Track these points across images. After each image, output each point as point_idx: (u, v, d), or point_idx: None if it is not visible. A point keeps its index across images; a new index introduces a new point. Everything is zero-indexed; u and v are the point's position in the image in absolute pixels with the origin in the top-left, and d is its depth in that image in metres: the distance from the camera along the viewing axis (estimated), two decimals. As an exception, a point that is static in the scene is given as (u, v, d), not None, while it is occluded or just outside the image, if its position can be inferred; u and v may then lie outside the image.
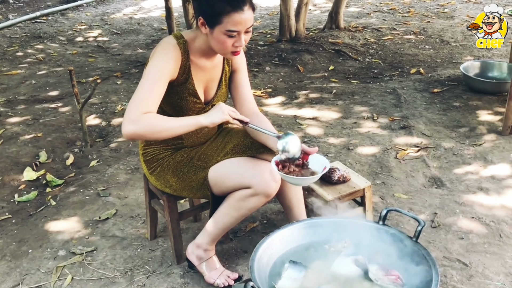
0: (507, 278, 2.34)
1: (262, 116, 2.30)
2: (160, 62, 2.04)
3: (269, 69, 5.47)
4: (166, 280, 2.40)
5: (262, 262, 1.80)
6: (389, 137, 3.78)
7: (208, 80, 2.26)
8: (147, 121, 1.92)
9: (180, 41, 2.10)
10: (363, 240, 1.93)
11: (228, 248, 2.63)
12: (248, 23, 1.99)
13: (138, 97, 1.96)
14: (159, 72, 2.03)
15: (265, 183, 2.07)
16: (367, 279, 1.76)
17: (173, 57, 2.07)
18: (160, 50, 2.08)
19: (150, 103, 1.97)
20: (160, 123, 1.95)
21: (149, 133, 1.94)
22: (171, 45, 2.09)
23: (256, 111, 2.32)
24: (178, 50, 2.09)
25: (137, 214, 2.95)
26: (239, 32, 1.99)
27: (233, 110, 2.03)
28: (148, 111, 1.94)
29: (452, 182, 3.16)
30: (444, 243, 2.60)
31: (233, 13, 1.95)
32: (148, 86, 1.99)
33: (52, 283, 2.44)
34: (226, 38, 2.00)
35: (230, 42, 2.01)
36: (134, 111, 1.93)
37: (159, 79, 2.02)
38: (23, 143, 3.94)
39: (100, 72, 5.65)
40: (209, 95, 2.30)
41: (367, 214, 2.55)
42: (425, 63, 5.56)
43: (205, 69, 2.22)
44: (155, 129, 1.93)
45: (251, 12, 2.00)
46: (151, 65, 2.05)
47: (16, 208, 3.13)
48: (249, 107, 2.33)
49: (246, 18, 1.98)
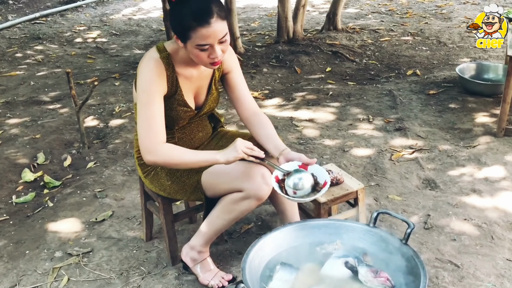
0: (498, 279, 2.37)
1: (263, 117, 2.29)
2: (147, 84, 2.06)
3: (266, 71, 5.50)
4: (161, 281, 2.43)
5: (254, 264, 1.83)
6: (384, 139, 3.81)
7: (197, 87, 2.27)
8: (165, 153, 2.04)
9: (162, 55, 2.10)
10: (353, 242, 1.96)
11: (222, 250, 2.65)
12: (218, 35, 1.96)
13: (144, 126, 2.05)
14: (150, 94, 2.05)
15: (257, 186, 2.10)
16: (357, 281, 1.79)
17: (158, 74, 2.07)
18: (145, 68, 2.08)
19: (157, 129, 2.05)
20: (178, 156, 2.05)
21: (168, 164, 2.09)
22: (153, 61, 2.08)
23: (256, 111, 2.31)
24: (161, 65, 2.09)
25: (133, 216, 2.98)
26: (211, 45, 1.97)
27: (249, 146, 2.02)
28: (160, 139, 2.04)
29: (445, 184, 3.19)
30: (436, 245, 2.62)
31: (199, 28, 1.92)
32: (147, 112, 2.04)
33: (49, 284, 2.47)
34: (199, 52, 1.99)
35: (205, 55, 2.00)
36: (147, 141, 2.04)
37: (152, 101, 2.05)
38: (21, 144, 3.97)
39: (99, 73, 5.68)
40: (199, 101, 2.32)
41: (360, 216, 2.57)
42: (421, 64, 5.59)
43: (192, 78, 2.22)
44: (173, 161, 2.06)
45: (220, 22, 1.95)
46: (140, 88, 2.07)
47: (13, 210, 3.16)
48: (248, 107, 2.32)
49: (215, 31, 1.94)
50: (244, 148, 2.00)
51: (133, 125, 4.19)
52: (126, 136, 4.03)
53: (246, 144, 2.02)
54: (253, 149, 2.02)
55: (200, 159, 2.05)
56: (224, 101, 4.66)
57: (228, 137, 2.45)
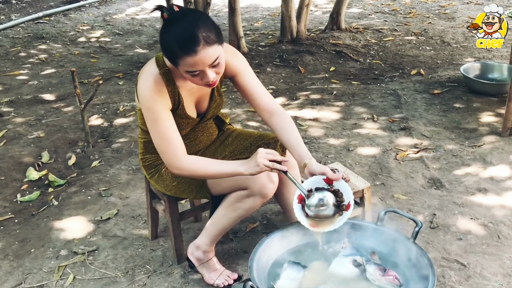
0: (504, 278, 2.36)
1: (284, 118, 2.19)
2: (151, 102, 2.01)
3: (270, 70, 5.50)
4: (166, 280, 2.43)
5: (261, 262, 1.83)
6: (389, 138, 3.80)
7: (198, 97, 2.22)
8: (189, 167, 2.04)
9: (162, 71, 2.03)
10: (361, 240, 1.96)
11: (228, 248, 2.65)
12: (206, 61, 1.86)
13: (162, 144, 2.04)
14: (156, 112, 2.02)
15: (262, 184, 2.09)
16: (364, 279, 1.79)
17: (158, 91, 2.02)
18: (144, 86, 2.02)
19: (175, 142, 2.04)
20: (203, 169, 2.04)
21: (193, 176, 2.12)
22: (153, 78, 2.02)
23: (275, 111, 2.20)
24: (161, 82, 2.03)
25: (139, 214, 2.98)
26: (202, 70, 1.89)
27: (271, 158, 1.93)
28: (180, 153, 2.04)
29: (451, 183, 3.18)
30: (442, 244, 2.62)
31: (185, 56, 1.84)
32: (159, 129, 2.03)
33: (54, 282, 2.47)
34: (190, 77, 1.93)
35: (196, 79, 1.93)
36: (170, 158, 2.04)
37: (161, 117, 2.02)
38: (26, 143, 3.97)
39: (102, 72, 5.68)
40: (202, 109, 2.27)
41: (366, 215, 2.56)
42: (425, 64, 5.58)
43: (194, 90, 2.17)
44: (198, 174, 2.08)
45: (208, 49, 1.84)
46: (145, 108, 2.03)
47: (18, 208, 3.16)
48: (266, 105, 2.21)
49: (203, 58, 1.84)
50: (266, 161, 1.92)
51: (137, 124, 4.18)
52: (130, 135, 4.03)
53: (267, 156, 1.93)
54: (275, 160, 1.93)
55: (224, 171, 2.02)
56: (228, 100, 4.66)
57: (234, 136, 2.43)
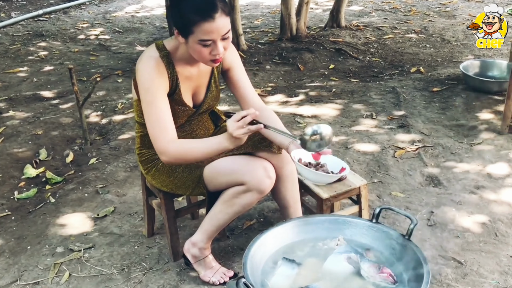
0: (501, 276, 2.35)
1: (269, 112, 2.24)
2: (150, 83, 2.02)
3: (269, 68, 5.49)
4: (162, 277, 2.42)
5: (255, 259, 1.81)
6: (388, 136, 3.79)
7: (196, 86, 2.24)
8: (175, 153, 2.01)
9: (162, 54, 2.07)
10: (356, 238, 1.95)
11: (224, 246, 2.64)
12: (221, 31, 1.91)
13: (154, 127, 2.02)
14: (154, 93, 2.02)
15: (259, 179, 2.08)
16: (359, 276, 1.77)
17: (159, 72, 2.04)
18: (145, 68, 2.04)
19: (167, 127, 2.02)
20: (188, 151, 2.02)
21: (181, 161, 2.07)
22: (154, 60, 2.05)
23: (261, 107, 2.26)
24: (161, 64, 2.06)
25: (135, 212, 2.97)
26: (214, 41, 1.92)
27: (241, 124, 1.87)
28: (169, 138, 2.01)
29: (449, 181, 3.17)
30: (439, 242, 2.61)
31: (203, 22, 1.87)
32: (155, 113, 2.02)
33: (50, 279, 2.46)
34: (201, 48, 1.94)
35: (206, 51, 1.95)
36: (159, 143, 2.02)
37: (158, 99, 2.02)
38: (24, 140, 3.97)
39: (102, 70, 5.67)
40: (198, 99, 2.28)
41: (363, 212, 2.55)
42: (425, 62, 5.56)
43: (192, 77, 2.19)
44: (184, 158, 2.04)
45: (224, 18, 1.91)
46: (144, 88, 2.03)
47: (15, 205, 3.15)
48: (253, 102, 2.27)
49: (218, 26, 1.90)
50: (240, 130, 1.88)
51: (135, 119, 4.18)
52: (128, 132, 4.02)
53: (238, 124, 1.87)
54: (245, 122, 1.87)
55: (210, 150, 1.99)
56: (226, 98, 4.65)
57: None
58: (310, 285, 1.73)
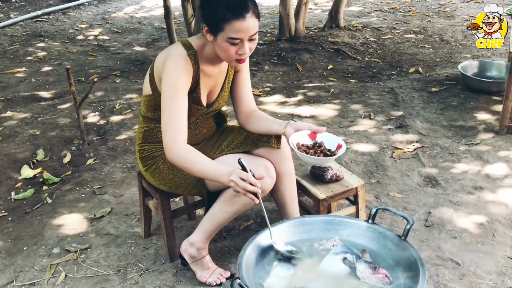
0: (499, 277, 2.34)
1: (259, 111, 2.35)
2: (175, 79, 2.05)
3: (268, 68, 5.48)
4: (158, 278, 2.42)
5: (251, 260, 1.81)
6: (386, 136, 3.78)
7: (213, 85, 2.28)
8: (179, 157, 2.03)
9: (190, 52, 2.10)
10: (352, 238, 1.94)
11: (221, 246, 2.64)
12: (250, 31, 1.97)
13: (168, 123, 2.04)
14: (178, 90, 2.05)
15: None
16: (355, 277, 1.77)
17: (187, 71, 2.08)
18: (174, 65, 2.07)
19: (180, 126, 2.05)
20: (189, 163, 2.02)
21: (181, 166, 2.06)
22: (183, 57, 2.08)
23: (254, 109, 2.37)
24: (189, 63, 2.09)
25: (132, 212, 2.96)
26: (242, 40, 1.98)
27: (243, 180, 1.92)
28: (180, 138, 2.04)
29: (447, 182, 3.16)
30: (437, 242, 2.60)
31: (234, 20, 1.94)
32: (173, 107, 2.04)
33: (46, 280, 2.46)
34: (229, 46, 1.99)
35: (234, 49, 2.00)
36: (168, 139, 2.04)
37: (179, 97, 2.05)
38: (21, 141, 3.96)
39: (100, 70, 5.66)
40: (211, 99, 2.32)
41: (360, 213, 2.55)
42: (424, 62, 5.55)
43: (212, 76, 2.23)
44: (184, 166, 2.04)
45: (254, 19, 1.98)
46: (169, 84, 2.05)
47: (12, 206, 3.14)
48: (247, 105, 2.37)
49: (248, 26, 1.96)
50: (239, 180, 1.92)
51: (133, 122, 4.18)
52: (126, 133, 4.01)
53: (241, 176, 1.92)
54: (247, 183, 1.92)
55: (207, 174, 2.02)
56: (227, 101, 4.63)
57: (228, 131, 2.46)
58: (305, 286, 1.73)
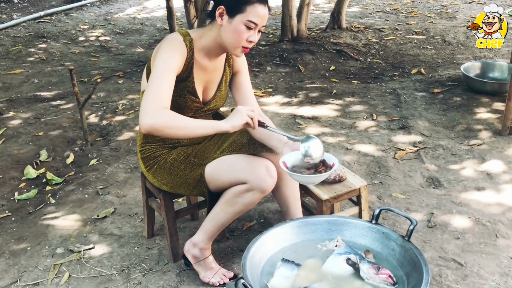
0: (502, 278, 2.35)
1: (266, 118, 2.32)
2: (167, 56, 2.06)
3: (270, 69, 5.49)
4: (162, 278, 2.42)
5: (254, 260, 1.81)
6: (388, 137, 3.78)
7: (208, 81, 2.28)
8: (165, 116, 1.93)
9: (186, 38, 2.14)
10: (355, 239, 1.94)
11: (224, 247, 2.64)
12: (265, 20, 2.06)
13: (152, 91, 1.98)
14: (168, 66, 2.04)
15: (261, 178, 2.08)
16: (358, 277, 1.77)
17: (180, 52, 2.10)
18: (167, 45, 2.10)
19: (164, 97, 1.99)
20: (179, 120, 1.96)
21: (166, 128, 1.93)
22: (178, 40, 2.11)
23: (259, 112, 2.32)
24: (184, 46, 2.12)
25: (135, 213, 2.97)
26: (257, 26, 2.04)
27: (251, 109, 2.01)
28: (164, 105, 1.97)
29: (449, 182, 3.16)
30: (440, 243, 2.60)
31: (258, 4, 2.01)
32: (160, 80, 2.00)
33: (50, 280, 2.46)
34: (244, 30, 2.03)
35: (246, 34, 2.04)
36: (151, 105, 1.94)
37: (168, 72, 2.04)
38: (24, 141, 3.97)
39: (103, 71, 5.68)
40: (207, 96, 2.32)
41: (363, 213, 2.55)
42: (426, 63, 5.56)
43: (207, 70, 2.24)
44: (172, 125, 1.93)
45: (268, 12, 2.07)
46: (160, 59, 2.05)
47: (16, 206, 3.15)
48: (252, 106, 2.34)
49: (266, 14, 2.05)
50: (248, 111, 1.99)
51: (136, 122, 4.18)
52: (128, 133, 4.02)
53: (248, 107, 2.02)
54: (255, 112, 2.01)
55: (201, 125, 1.99)
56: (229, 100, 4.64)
57: None
58: (309, 286, 1.73)
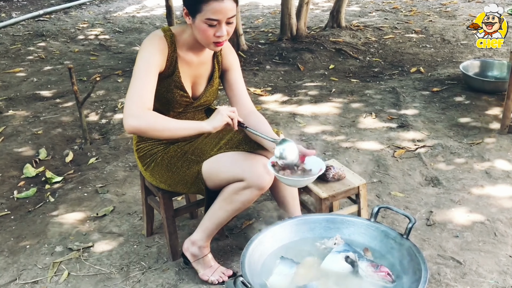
0: (500, 276, 2.35)
1: (259, 115, 2.31)
2: (147, 55, 2.08)
3: (269, 68, 5.49)
4: (161, 276, 2.42)
5: (253, 258, 1.81)
6: (387, 136, 3.79)
7: (195, 76, 2.28)
8: (149, 118, 1.98)
9: (167, 34, 2.15)
10: (354, 237, 1.95)
11: (223, 245, 2.64)
12: (228, 13, 2.01)
13: (134, 92, 2.02)
14: (148, 65, 2.06)
15: (258, 175, 2.08)
16: (357, 275, 1.77)
17: (159, 48, 2.11)
18: (147, 42, 2.12)
19: (147, 97, 2.02)
20: (162, 122, 2.01)
21: (150, 130, 1.99)
22: (158, 36, 2.13)
23: (253, 110, 2.33)
24: (164, 42, 2.13)
25: (134, 211, 2.97)
26: (220, 22, 2.02)
27: (232, 110, 2.06)
28: (147, 106, 2.01)
29: (448, 181, 3.17)
30: (438, 241, 2.61)
31: (212, 1, 1.98)
32: (141, 80, 2.03)
33: (49, 278, 2.46)
34: (206, 27, 2.03)
35: (211, 31, 2.03)
36: (134, 106, 1.98)
37: (149, 71, 2.06)
38: (23, 140, 3.97)
39: (102, 70, 5.67)
40: (197, 91, 2.32)
41: (362, 212, 2.55)
42: (425, 62, 5.56)
43: (192, 64, 2.24)
44: (156, 127, 1.99)
45: (232, 2, 2.02)
46: (139, 58, 2.09)
47: (15, 205, 3.15)
48: (245, 105, 2.32)
49: (226, 7, 2.00)
50: (229, 112, 2.03)
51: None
52: (128, 132, 4.02)
53: (230, 108, 2.06)
54: (236, 113, 2.06)
55: (184, 126, 2.04)
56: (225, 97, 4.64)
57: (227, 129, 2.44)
58: (308, 284, 1.73)
